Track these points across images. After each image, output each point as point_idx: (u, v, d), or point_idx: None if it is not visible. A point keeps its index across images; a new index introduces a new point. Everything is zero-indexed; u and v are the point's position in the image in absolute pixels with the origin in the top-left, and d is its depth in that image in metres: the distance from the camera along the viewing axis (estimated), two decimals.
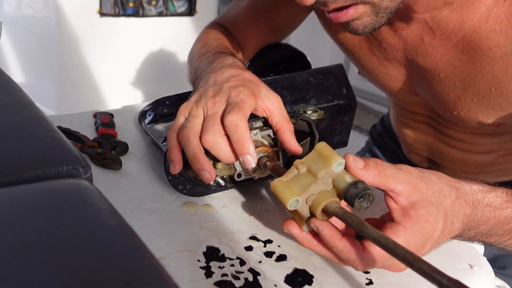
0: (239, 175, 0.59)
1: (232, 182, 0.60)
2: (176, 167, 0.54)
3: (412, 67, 0.70)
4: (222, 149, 0.52)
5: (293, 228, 0.48)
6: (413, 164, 0.53)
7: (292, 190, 0.46)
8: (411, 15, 0.62)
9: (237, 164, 0.59)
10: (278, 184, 0.47)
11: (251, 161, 0.52)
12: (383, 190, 0.48)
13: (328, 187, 0.47)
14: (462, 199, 0.49)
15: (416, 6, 0.59)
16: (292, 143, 0.56)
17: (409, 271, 0.50)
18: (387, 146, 1.01)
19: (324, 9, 0.57)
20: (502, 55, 0.58)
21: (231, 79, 0.58)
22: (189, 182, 0.58)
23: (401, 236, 0.45)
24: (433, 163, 0.84)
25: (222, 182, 0.58)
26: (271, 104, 0.56)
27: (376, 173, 0.46)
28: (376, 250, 0.45)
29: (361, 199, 0.45)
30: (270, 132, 0.59)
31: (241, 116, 0.52)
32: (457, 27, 0.61)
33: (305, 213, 0.47)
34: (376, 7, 0.55)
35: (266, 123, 0.59)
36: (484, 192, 0.51)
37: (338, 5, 0.55)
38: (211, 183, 0.58)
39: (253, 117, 0.57)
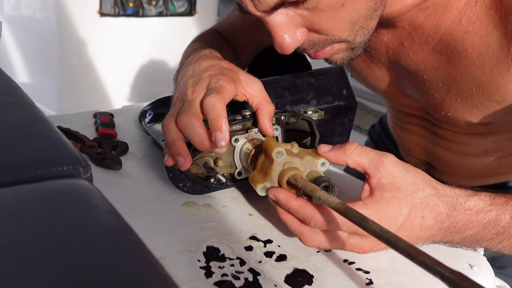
0: (239, 173, 0.59)
1: (232, 180, 0.60)
2: (187, 161, 0.52)
3: (397, 69, 0.71)
4: (196, 131, 0.51)
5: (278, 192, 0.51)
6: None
7: (281, 147, 0.52)
8: (390, 23, 0.63)
9: (237, 162, 0.59)
10: (271, 139, 0.54)
11: (221, 139, 0.50)
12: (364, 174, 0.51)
13: (304, 173, 0.52)
14: (438, 198, 0.50)
15: (393, 19, 0.61)
16: (265, 123, 0.56)
17: (409, 271, 0.50)
18: (385, 146, 1.01)
19: (305, 53, 0.59)
20: (478, 56, 0.60)
21: (209, 68, 0.58)
22: (189, 180, 0.58)
23: (359, 210, 0.46)
24: (430, 167, 0.85)
25: (223, 179, 0.58)
26: (250, 88, 0.57)
27: (340, 152, 0.52)
28: (329, 209, 0.48)
29: (325, 189, 0.50)
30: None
31: (219, 99, 0.52)
32: (433, 30, 0.62)
33: (274, 174, 0.52)
34: (351, 43, 0.57)
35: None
36: (466, 196, 0.51)
37: (316, 50, 0.58)
38: (211, 180, 0.58)
39: (252, 115, 0.58)
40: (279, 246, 0.53)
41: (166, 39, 2.70)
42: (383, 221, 0.47)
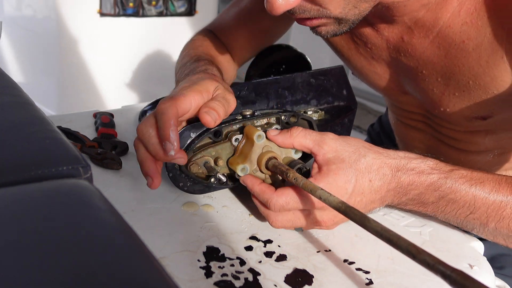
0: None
1: (232, 180, 0.60)
2: (155, 181, 0.52)
3: (397, 65, 0.72)
4: (151, 141, 0.51)
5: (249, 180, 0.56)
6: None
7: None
8: (390, 17, 0.64)
9: None
10: (251, 126, 0.57)
11: (170, 148, 0.50)
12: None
13: (280, 157, 0.57)
14: (381, 161, 0.53)
15: (394, 11, 0.61)
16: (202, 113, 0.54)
17: (409, 271, 0.50)
18: (384, 145, 1.02)
19: (291, 16, 0.59)
20: (475, 47, 0.60)
21: (190, 81, 0.57)
22: (190, 179, 0.58)
23: None
24: None
25: (223, 179, 0.58)
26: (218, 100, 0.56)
27: (287, 136, 0.55)
28: (285, 192, 0.52)
29: (299, 171, 0.55)
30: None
31: (170, 105, 0.51)
32: (432, 23, 0.63)
33: (253, 156, 0.56)
34: (340, 19, 0.58)
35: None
36: (408, 159, 0.54)
37: (305, 16, 0.58)
38: (212, 180, 0.58)
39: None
40: (279, 246, 0.53)
41: (166, 39, 2.70)
42: (335, 191, 0.51)
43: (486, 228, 0.54)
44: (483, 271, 0.54)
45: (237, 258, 0.50)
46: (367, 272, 0.50)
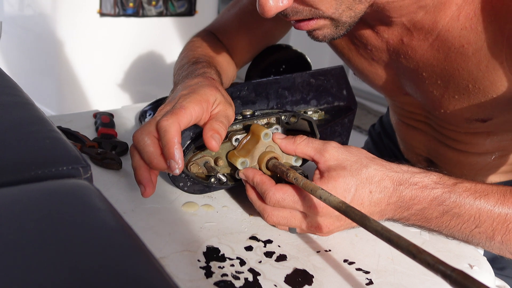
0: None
1: (233, 179, 0.60)
2: (147, 190, 0.52)
3: (397, 67, 0.72)
4: (145, 149, 0.51)
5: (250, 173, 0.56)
6: (410, 164, 0.56)
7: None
8: (388, 19, 0.64)
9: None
10: (258, 125, 0.59)
11: (175, 167, 0.50)
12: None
13: (281, 160, 0.58)
14: (383, 173, 0.52)
15: (391, 12, 0.61)
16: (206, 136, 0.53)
17: (409, 271, 0.50)
18: (385, 146, 1.02)
19: (286, 19, 0.59)
20: (474, 52, 0.60)
21: (188, 88, 0.57)
22: (190, 179, 0.58)
23: None
24: (431, 163, 0.85)
25: (223, 178, 0.58)
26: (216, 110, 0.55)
27: (291, 142, 0.57)
28: (285, 188, 0.53)
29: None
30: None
31: (173, 122, 0.50)
32: (431, 27, 0.62)
33: (256, 153, 0.57)
34: (335, 21, 0.57)
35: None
36: (411, 173, 0.53)
37: (298, 18, 0.57)
38: (212, 180, 0.58)
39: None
40: (279, 246, 0.53)
41: (166, 39, 2.70)
42: None
43: (492, 242, 0.53)
44: (483, 271, 0.54)
45: (237, 258, 0.50)
46: (367, 272, 0.50)
